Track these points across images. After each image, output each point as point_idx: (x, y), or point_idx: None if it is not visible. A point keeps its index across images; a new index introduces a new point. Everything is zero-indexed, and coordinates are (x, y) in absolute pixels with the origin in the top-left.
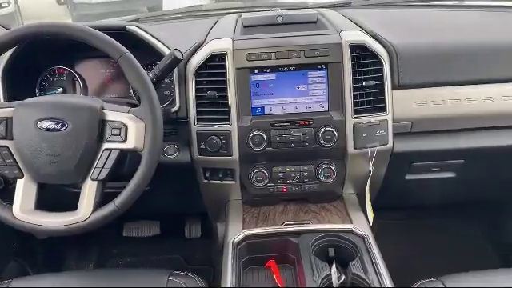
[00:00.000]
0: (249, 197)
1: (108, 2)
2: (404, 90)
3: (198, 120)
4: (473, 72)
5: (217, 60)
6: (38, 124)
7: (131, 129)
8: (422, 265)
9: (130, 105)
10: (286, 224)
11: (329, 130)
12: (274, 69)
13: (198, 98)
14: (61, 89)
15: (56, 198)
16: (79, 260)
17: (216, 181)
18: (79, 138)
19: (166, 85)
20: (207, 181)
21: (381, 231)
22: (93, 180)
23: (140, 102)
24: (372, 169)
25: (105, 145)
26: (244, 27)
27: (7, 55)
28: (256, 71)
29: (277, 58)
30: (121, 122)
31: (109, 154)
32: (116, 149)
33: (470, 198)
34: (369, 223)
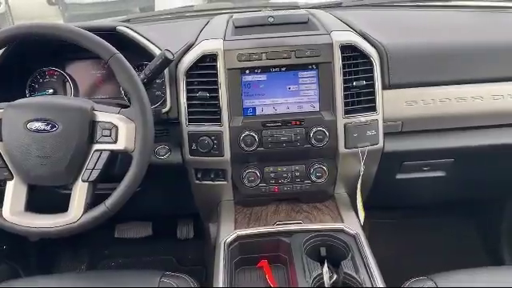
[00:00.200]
0: (241, 197)
1: (100, 3)
2: (394, 90)
3: (190, 121)
4: (463, 72)
5: (208, 60)
6: (28, 125)
7: (122, 130)
8: (414, 264)
9: (121, 106)
10: (278, 224)
11: (320, 130)
12: (265, 69)
13: (189, 99)
14: (51, 90)
15: (46, 200)
16: (71, 262)
17: (208, 181)
18: (69, 139)
19: (157, 85)
20: (199, 181)
21: (372, 230)
22: (83, 181)
23: (131, 103)
24: (363, 168)
25: (95, 146)
26: (235, 28)
27: None
28: (247, 72)
29: (268, 59)
30: (111, 123)
31: (99, 155)
32: (107, 150)
33: (461, 197)
34: (360, 222)
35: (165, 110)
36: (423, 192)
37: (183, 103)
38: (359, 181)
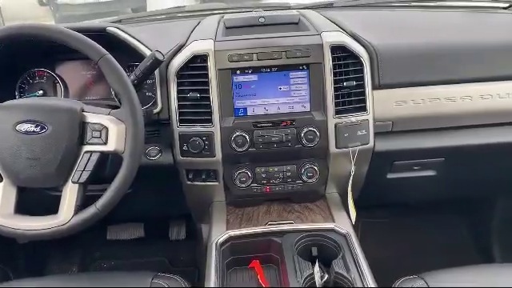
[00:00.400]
0: (232, 197)
1: (91, 4)
2: (384, 90)
3: (181, 121)
4: (452, 72)
5: (198, 61)
6: (17, 127)
7: (112, 131)
8: (405, 262)
9: (112, 107)
10: (270, 224)
11: (311, 130)
12: (256, 70)
13: (180, 100)
14: (41, 91)
15: (36, 202)
16: (62, 263)
17: (199, 182)
18: (59, 141)
19: (148, 86)
20: (190, 182)
21: (364, 230)
22: (74, 183)
23: (121, 104)
24: (354, 168)
25: (85, 147)
26: (226, 28)
27: None
28: (238, 72)
29: (258, 59)
30: (101, 124)
31: (89, 157)
32: (97, 151)
33: (451, 196)
34: (351, 222)
35: (156, 111)
36: (414, 191)
37: (174, 104)
38: (350, 180)
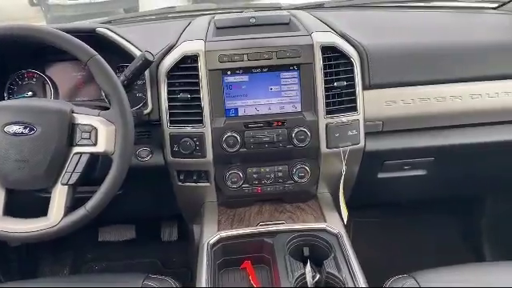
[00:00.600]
0: (224, 198)
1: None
2: (374, 90)
3: (171, 122)
4: (441, 72)
5: (189, 62)
6: (5, 129)
7: (101, 132)
8: (396, 262)
9: (102, 108)
10: (261, 225)
11: (302, 131)
12: (247, 70)
13: (171, 100)
14: (30, 92)
15: (26, 204)
16: (54, 266)
17: (190, 183)
18: (48, 142)
19: (139, 87)
20: (181, 183)
21: (356, 230)
22: (63, 185)
23: (111, 105)
24: (345, 168)
25: (75, 149)
26: (217, 29)
27: None
28: (228, 73)
29: (249, 60)
30: (91, 126)
31: (79, 158)
32: (86, 152)
33: (442, 195)
34: (343, 222)
35: (146, 112)
36: (405, 191)
37: (164, 104)
38: (341, 180)
